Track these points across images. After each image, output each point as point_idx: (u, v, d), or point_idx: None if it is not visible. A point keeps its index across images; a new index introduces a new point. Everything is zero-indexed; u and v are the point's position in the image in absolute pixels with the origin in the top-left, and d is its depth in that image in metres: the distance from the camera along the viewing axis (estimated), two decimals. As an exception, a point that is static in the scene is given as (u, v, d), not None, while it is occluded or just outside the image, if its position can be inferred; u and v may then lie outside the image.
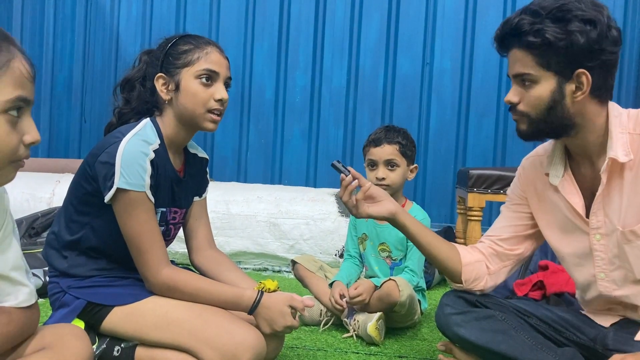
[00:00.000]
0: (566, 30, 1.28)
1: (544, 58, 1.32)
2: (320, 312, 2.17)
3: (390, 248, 2.24)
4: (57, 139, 4.87)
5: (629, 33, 3.98)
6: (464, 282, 1.57)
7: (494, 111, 4.14)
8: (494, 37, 1.43)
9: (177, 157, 1.61)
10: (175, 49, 1.54)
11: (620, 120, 1.37)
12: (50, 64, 4.88)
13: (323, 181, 4.37)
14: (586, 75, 1.31)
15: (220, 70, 1.54)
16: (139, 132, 1.49)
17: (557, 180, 1.47)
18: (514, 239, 1.60)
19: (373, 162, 2.21)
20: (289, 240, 3.23)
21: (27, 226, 2.64)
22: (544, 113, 1.35)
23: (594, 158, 1.41)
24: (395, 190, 2.23)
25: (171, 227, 1.62)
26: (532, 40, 1.31)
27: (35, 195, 3.37)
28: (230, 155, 4.56)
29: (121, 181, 1.42)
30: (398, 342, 2.03)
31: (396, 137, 2.19)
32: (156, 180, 1.49)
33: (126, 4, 4.72)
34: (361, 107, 4.36)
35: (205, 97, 1.51)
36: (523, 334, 1.47)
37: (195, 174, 1.70)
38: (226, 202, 3.33)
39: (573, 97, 1.33)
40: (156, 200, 1.50)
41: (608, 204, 1.39)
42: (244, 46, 4.51)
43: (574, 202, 1.44)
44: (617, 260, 1.41)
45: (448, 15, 4.20)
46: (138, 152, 1.44)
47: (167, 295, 1.49)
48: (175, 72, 1.52)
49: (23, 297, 1.06)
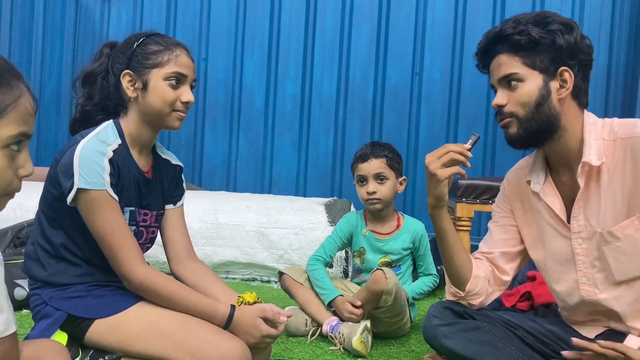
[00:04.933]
0: (548, 30, 1.39)
1: (529, 58, 1.40)
2: (305, 323, 2.16)
3: (392, 258, 2.28)
4: (45, 147, 4.84)
5: (616, 44, 4.03)
6: (465, 292, 1.56)
7: (483, 121, 4.16)
8: (476, 52, 1.50)
9: (143, 158, 1.61)
10: (144, 48, 1.55)
11: (595, 127, 1.43)
12: (38, 72, 4.85)
13: (313, 190, 4.36)
14: (569, 72, 1.40)
15: (188, 73, 1.55)
16: (98, 133, 1.50)
17: (538, 187, 1.51)
18: (504, 256, 1.60)
19: (363, 178, 2.25)
20: (277, 250, 3.22)
21: (13, 236, 2.61)
22: (532, 110, 1.40)
23: (572, 165, 1.46)
24: (387, 204, 2.26)
25: (142, 230, 1.61)
26: (517, 39, 1.39)
27: (22, 204, 3.34)
28: (219, 163, 4.55)
29: (81, 181, 1.42)
30: (386, 354, 2.02)
31: (382, 151, 2.25)
32: (118, 179, 1.49)
33: (116, 11, 4.71)
34: (351, 117, 4.36)
35: (172, 99, 1.53)
36: (510, 345, 1.47)
37: (167, 178, 1.68)
38: (215, 211, 3.32)
39: (558, 94, 1.40)
40: (121, 199, 1.50)
41: (587, 208, 1.43)
42: (234, 55, 4.50)
43: (555, 206, 1.48)
44: (598, 263, 1.44)
45: (437, 26, 4.22)
46: (95, 152, 1.44)
47: (143, 294, 1.48)
48: (143, 71, 1.53)
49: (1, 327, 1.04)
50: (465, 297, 1.56)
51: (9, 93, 0.94)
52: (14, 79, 0.95)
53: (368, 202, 2.26)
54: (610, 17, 4.03)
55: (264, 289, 3.05)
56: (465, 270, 1.55)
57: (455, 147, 1.43)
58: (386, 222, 2.32)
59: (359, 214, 2.39)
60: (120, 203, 1.49)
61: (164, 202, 1.68)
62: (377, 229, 2.31)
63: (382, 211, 2.28)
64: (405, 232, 2.30)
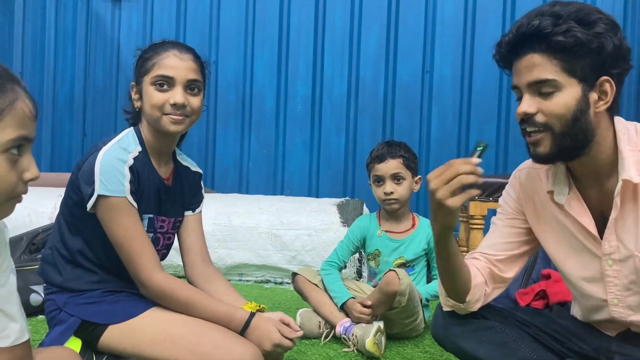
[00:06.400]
0: (594, 33, 1.18)
1: (570, 62, 1.20)
2: (319, 325, 2.16)
3: (407, 259, 2.27)
4: (59, 153, 4.89)
5: (629, 36, 3.97)
6: (466, 302, 1.43)
7: (495, 118, 4.12)
8: (499, 44, 1.30)
9: (163, 165, 1.62)
10: (142, 58, 1.58)
11: (628, 137, 1.27)
12: (51, 79, 4.90)
13: (325, 191, 4.36)
14: (610, 84, 1.22)
15: (176, 74, 1.52)
16: (120, 140, 1.52)
17: (562, 198, 1.35)
18: (508, 259, 1.48)
19: (379, 178, 2.25)
20: (290, 251, 3.22)
21: (28, 242, 2.64)
22: (569, 124, 1.22)
23: (602, 179, 1.30)
24: (403, 203, 2.27)
25: (159, 236, 1.62)
26: (560, 41, 1.18)
27: (37, 210, 3.37)
28: (231, 166, 4.56)
29: (101, 188, 1.44)
30: (400, 355, 2.01)
31: (398, 151, 2.25)
32: (138, 186, 1.50)
33: (126, 16, 4.74)
34: (362, 116, 4.35)
35: (159, 102, 1.52)
36: (524, 346, 1.43)
37: (186, 185, 1.70)
38: (227, 213, 3.33)
39: (595, 107, 1.23)
40: (141, 206, 1.51)
41: (622, 229, 1.29)
42: (244, 57, 4.51)
43: (585, 222, 1.33)
44: (634, 287, 1.31)
45: (447, 23, 4.20)
46: (115, 160, 1.46)
47: (160, 301, 1.49)
48: (140, 80, 1.56)
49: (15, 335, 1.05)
50: (467, 306, 1.44)
51: (4, 97, 0.93)
52: (9, 82, 0.95)
53: (385, 202, 2.26)
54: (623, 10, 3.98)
55: (277, 291, 3.05)
56: (467, 284, 1.41)
57: (464, 166, 1.19)
58: (402, 222, 2.32)
59: (371, 216, 2.39)
60: (139, 210, 1.50)
61: (183, 209, 1.69)
62: (393, 228, 2.31)
63: (398, 210, 2.28)
64: (421, 233, 2.29)
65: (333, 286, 2.21)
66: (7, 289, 1.05)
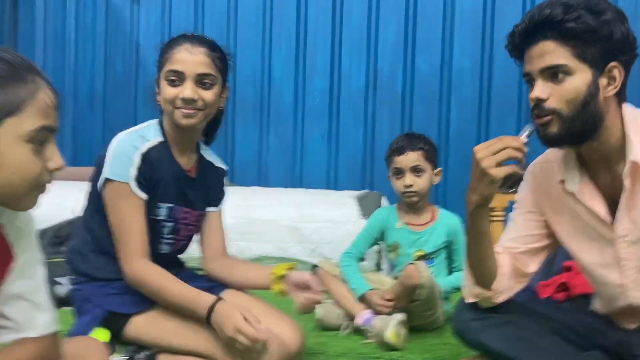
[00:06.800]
0: (604, 20, 1.25)
1: (581, 48, 1.26)
2: (339, 316, 2.16)
3: (427, 251, 2.25)
4: (80, 147, 4.94)
5: None
6: (492, 291, 1.45)
7: (516, 110, 4.07)
8: (511, 34, 1.35)
9: (185, 157, 1.64)
10: (160, 52, 1.61)
11: (636, 122, 1.32)
12: (72, 75, 4.96)
13: (344, 184, 4.35)
14: (619, 69, 1.28)
15: (186, 68, 1.52)
16: (140, 129, 1.56)
17: (574, 186, 1.39)
18: (529, 251, 1.50)
19: (399, 170, 2.24)
20: (310, 244, 3.23)
21: (52, 235, 2.68)
22: (578, 109, 1.27)
23: (612, 163, 1.35)
24: (423, 196, 2.26)
25: (180, 227, 1.63)
26: (572, 27, 1.24)
27: (61, 204, 3.40)
28: (250, 159, 4.58)
29: (109, 172, 1.46)
30: (421, 346, 2.01)
31: (418, 143, 2.23)
32: (152, 174, 1.51)
33: (145, 12, 4.77)
34: (380, 109, 4.33)
35: (169, 96, 1.54)
36: (545, 340, 1.42)
37: (210, 180, 1.72)
38: (247, 206, 3.35)
39: (605, 92, 1.29)
40: (160, 195, 1.53)
41: (633, 210, 1.32)
42: (262, 51, 4.52)
43: (596, 208, 1.36)
44: None
45: (466, 13, 4.15)
46: (128, 146, 1.49)
47: (138, 288, 1.50)
48: (158, 74, 1.60)
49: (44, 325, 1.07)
50: (492, 295, 1.46)
51: (25, 87, 0.94)
52: (29, 73, 0.95)
53: (405, 195, 2.25)
54: None
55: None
56: (494, 270, 1.45)
57: (513, 141, 1.26)
58: (421, 214, 2.31)
59: (390, 209, 2.38)
60: (155, 199, 1.52)
61: (207, 204, 1.71)
62: (412, 220, 2.31)
63: (418, 203, 2.27)
64: (441, 226, 2.28)
65: (352, 278, 2.21)
66: (35, 280, 1.07)
